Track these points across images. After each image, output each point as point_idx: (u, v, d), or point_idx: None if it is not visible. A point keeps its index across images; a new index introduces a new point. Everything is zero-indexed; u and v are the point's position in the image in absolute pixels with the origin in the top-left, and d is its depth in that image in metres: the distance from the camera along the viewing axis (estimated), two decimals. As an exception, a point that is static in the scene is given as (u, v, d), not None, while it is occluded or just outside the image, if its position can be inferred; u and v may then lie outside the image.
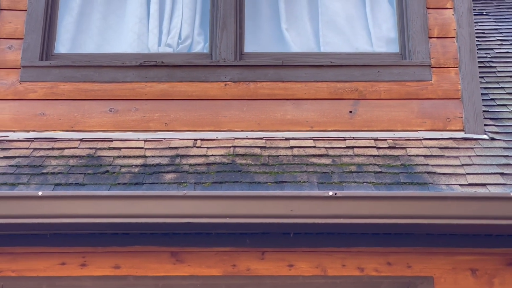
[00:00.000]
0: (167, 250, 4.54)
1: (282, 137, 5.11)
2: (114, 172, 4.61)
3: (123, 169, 4.65)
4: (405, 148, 4.95)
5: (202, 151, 4.92)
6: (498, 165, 4.68)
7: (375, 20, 5.57)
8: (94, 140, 5.06)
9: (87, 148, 4.95)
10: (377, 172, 4.61)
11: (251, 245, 4.53)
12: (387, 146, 4.97)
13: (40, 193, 4.25)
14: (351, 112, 5.21)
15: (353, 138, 5.08)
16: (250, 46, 5.50)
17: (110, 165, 4.71)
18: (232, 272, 4.52)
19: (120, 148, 4.95)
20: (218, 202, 4.29)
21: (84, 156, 4.83)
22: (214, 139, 5.09)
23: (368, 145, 4.98)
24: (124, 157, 4.83)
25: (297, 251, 4.54)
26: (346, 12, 5.62)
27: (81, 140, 5.06)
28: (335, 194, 4.25)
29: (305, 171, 4.64)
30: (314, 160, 4.79)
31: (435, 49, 5.32)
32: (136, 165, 4.71)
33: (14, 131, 5.14)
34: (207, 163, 4.74)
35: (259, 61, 5.35)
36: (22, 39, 5.34)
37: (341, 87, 5.27)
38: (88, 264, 4.52)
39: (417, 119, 5.19)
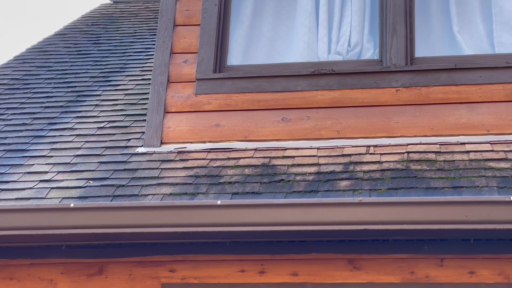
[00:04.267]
0: (343, 257, 4.54)
1: (457, 141, 5.00)
2: (289, 181, 4.66)
3: (298, 177, 4.69)
4: None
5: (376, 158, 4.88)
6: None
7: (553, 18, 5.34)
8: (267, 149, 5.14)
9: (261, 157, 5.04)
10: (559, 176, 4.42)
11: (429, 252, 4.45)
12: None
13: (219, 202, 4.37)
14: (529, 114, 5.02)
15: (533, 141, 4.89)
16: (421, 50, 5.41)
17: (284, 173, 4.76)
18: (410, 280, 4.46)
19: (293, 157, 5.00)
20: (394, 209, 4.24)
21: (258, 165, 4.91)
22: (387, 145, 5.04)
23: (547, 148, 4.79)
24: (298, 165, 4.87)
25: (477, 258, 4.42)
26: (521, 12, 5.43)
27: (255, 149, 5.15)
28: (517, 198, 4.11)
29: (483, 176, 4.50)
30: (492, 164, 4.64)
31: None
32: (310, 173, 4.74)
33: (191, 142, 5.31)
34: (381, 170, 4.71)
35: (430, 65, 5.25)
36: (196, 53, 5.51)
37: (519, 88, 5.09)
38: (267, 271, 4.59)
39: None
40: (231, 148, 5.20)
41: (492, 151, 4.83)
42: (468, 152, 4.85)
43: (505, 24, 5.39)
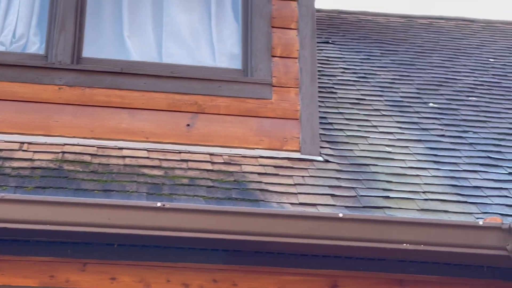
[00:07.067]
0: (-27, 258, 4.24)
1: (115, 146, 4.94)
2: None
3: None
4: (240, 164, 4.88)
5: (28, 155, 4.68)
6: (329, 186, 4.69)
7: (219, 35, 5.49)
8: None
9: None
10: (209, 187, 4.51)
11: (73, 256, 4.30)
12: (222, 161, 4.88)
13: None
14: (188, 125, 5.10)
15: (189, 152, 4.97)
16: (90, 50, 5.30)
17: None
18: (49, 283, 4.27)
19: None
20: (38, 208, 4.05)
21: None
22: (42, 144, 4.85)
23: (203, 159, 4.88)
24: None
25: (121, 264, 4.34)
26: (190, 25, 5.51)
27: None
28: (164, 205, 4.10)
29: (135, 181, 4.48)
30: (146, 171, 4.64)
31: (277, 68, 5.30)
32: (-50, 166, 4.40)
33: None
34: (32, 167, 4.52)
35: (96, 66, 5.16)
36: None
37: (180, 99, 5.15)
38: None
39: (254, 136, 5.13)
40: None
41: (148, 158, 4.83)
42: (124, 157, 4.81)
43: (174, 34, 5.46)
